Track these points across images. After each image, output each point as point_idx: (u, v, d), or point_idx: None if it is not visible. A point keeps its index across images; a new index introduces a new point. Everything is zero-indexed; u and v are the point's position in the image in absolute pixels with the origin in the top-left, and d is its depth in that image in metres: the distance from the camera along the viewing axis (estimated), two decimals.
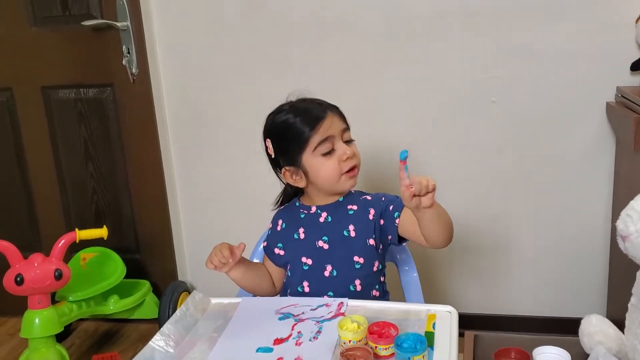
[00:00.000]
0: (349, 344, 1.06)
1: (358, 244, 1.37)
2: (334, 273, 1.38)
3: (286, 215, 1.47)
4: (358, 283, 1.38)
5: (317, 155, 1.35)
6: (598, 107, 1.91)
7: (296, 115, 1.36)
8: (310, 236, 1.40)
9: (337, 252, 1.38)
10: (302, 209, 1.44)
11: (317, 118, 1.35)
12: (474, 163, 2.05)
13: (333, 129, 1.35)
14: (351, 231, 1.38)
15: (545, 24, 1.89)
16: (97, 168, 2.33)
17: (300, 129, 1.35)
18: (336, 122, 1.37)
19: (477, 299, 2.17)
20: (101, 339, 2.34)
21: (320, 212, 1.41)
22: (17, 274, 1.75)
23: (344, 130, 1.38)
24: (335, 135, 1.35)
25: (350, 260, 1.37)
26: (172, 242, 2.35)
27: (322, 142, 1.34)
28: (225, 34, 2.11)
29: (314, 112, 1.36)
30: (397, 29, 1.98)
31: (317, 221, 1.41)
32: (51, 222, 2.40)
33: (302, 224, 1.42)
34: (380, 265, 1.41)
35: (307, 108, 1.38)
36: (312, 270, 1.39)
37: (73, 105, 2.26)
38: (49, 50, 2.21)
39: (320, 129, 1.34)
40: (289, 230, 1.44)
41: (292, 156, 1.37)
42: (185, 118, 2.25)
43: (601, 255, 2.03)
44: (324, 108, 1.37)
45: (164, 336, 1.15)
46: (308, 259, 1.40)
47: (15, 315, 2.46)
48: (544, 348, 1.01)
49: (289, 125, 1.37)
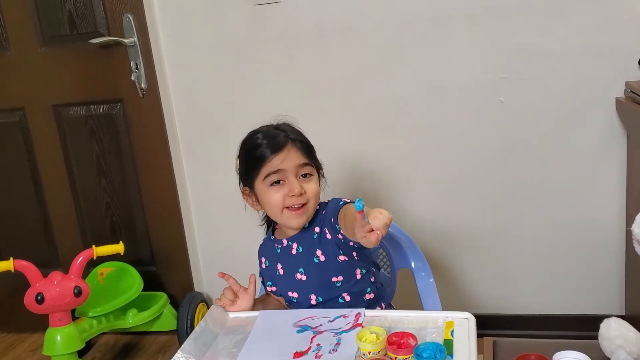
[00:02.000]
0: (368, 355, 1.07)
1: (330, 265, 1.36)
2: (320, 299, 1.39)
3: (266, 251, 1.49)
4: (346, 295, 1.38)
5: (267, 184, 1.35)
6: (607, 103, 1.90)
7: (263, 138, 1.36)
8: (288, 270, 1.41)
9: (315, 280, 1.38)
10: (276, 243, 1.44)
11: (275, 147, 1.33)
12: (484, 164, 2.05)
13: (286, 162, 1.33)
14: (320, 256, 1.37)
15: (551, 21, 1.89)
16: (110, 183, 2.35)
17: (260, 153, 1.34)
18: (293, 156, 1.33)
19: (492, 300, 2.16)
20: (121, 352, 2.36)
21: (292, 244, 1.41)
22: (37, 293, 1.77)
23: (301, 165, 1.34)
24: (287, 170, 1.33)
25: (329, 282, 1.37)
26: (187, 254, 2.37)
27: (272, 172, 1.33)
28: (231, 45, 2.13)
29: (276, 141, 1.34)
30: (401, 33, 1.99)
31: (291, 254, 1.41)
32: (67, 238, 2.42)
33: (279, 259, 1.43)
34: (363, 269, 1.39)
35: (275, 135, 1.35)
36: (299, 302, 1.41)
37: (84, 122, 2.29)
38: (58, 69, 2.24)
39: (274, 159, 1.33)
40: (271, 267, 1.46)
41: (249, 178, 1.38)
42: (196, 130, 2.26)
43: (617, 252, 2.02)
44: (286, 139, 1.34)
45: (186, 353, 1.16)
46: (293, 293, 1.41)
47: (36, 332, 2.50)
48: (564, 353, 1.01)
49: (253, 146, 1.37)
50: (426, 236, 2.10)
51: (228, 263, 1.47)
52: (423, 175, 2.10)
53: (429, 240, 2.11)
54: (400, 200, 2.13)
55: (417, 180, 2.11)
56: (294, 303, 1.42)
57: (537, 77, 1.93)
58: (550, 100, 1.95)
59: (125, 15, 2.11)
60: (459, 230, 2.14)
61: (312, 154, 1.39)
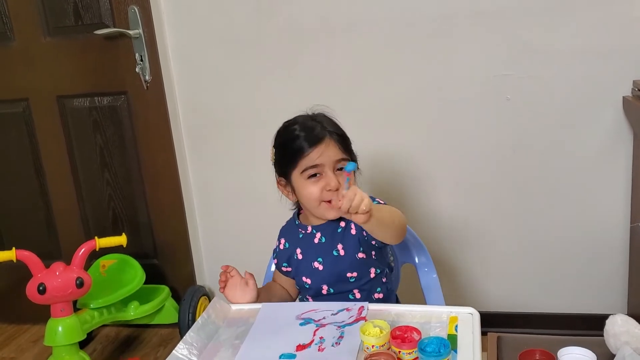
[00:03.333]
0: (372, 349, 1.06)
1: (347, 261, 1.38)
2: (331, 290, 1.41)
3: (287, 233, 1.49)
4: (357, 292, 1.40)
5: (304, 177, 1.35)
6: (614, 101, 1.89)
7: (301, 130, 1.35)
8: (307, 257, 1.43)
9: (330, 272, 1.40)
10: (300, 228, 1.45)
11: (313, 140, 1.32)
12: (489, 162, 2.04)
13: (324, 157, 1.32)
14: (340, 250, 1.38)
15: (558, 19, 1.87)
16: (113, 175, 2.34)
17: (298, 146, 1.34)
18: (332, 150, 1.33)
19: (495, 298, 2.16)
20: (122, 344, 2.36)
21: (315, 233, 1.42)
22: (39, 284, 1.77)
23: (338, 160, 1.34)
24: (325, 164, 1.33)
25: (344, 277, 1.38)
26: (189, 247, 2.37)
27: (310, 167, 1.33)
28: (236, 40, 2.12)
29: (313, 133, 1.33)
30: (407, 30, 1.98)
31: (312, 242, 1.42)
32: (70, 230, 2.42)
33: (300, 244, 1.44)
34: (377, 269, 1.40)
35: (313, 127, 1.35)
36: (312, 289, 1.43)
37: (88, 113, 2.28)
38: (63, 60, 2.23)
39: (311, 152, 1.32)
40: (290, 250, 1.47)
41: (286, 169, 1.38)
42: (199, 124, 2.26)
43: (620, 251, 2.01)
44: (324, 131, 1.34)
45: (187, 345, 1.16)
46: (307, 279, 1.43)
47: (37, 323, 2.49)
48: (569, 349, 1.01)
49: (290, 138, 1.36)
50: (430, 233, 2.10)
51: (230, 257, 1.47)
52: (426, 172, 2.09)
53: (433, 237, 2.10)
54: (402, 197, 2.12)
55: (420, 177, 2.10)
56: (306, 289, 1.44)
57: (543, 75, 1.92)
58: (557, 98, 1.94)
59: (130, 7, 2.10)
60: (463, 228, 2.13)
61: (349, 147, 1.38)
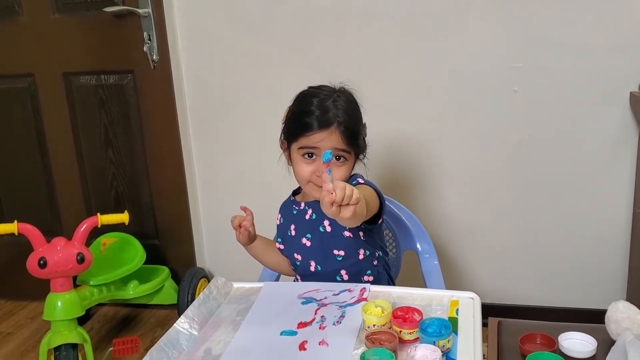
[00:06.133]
0: (373, 328, 1.06)
1: (334, 238, 1.38)
2: (319, 268, 1.41)
3: (284, 210, 1.51)
4: (344, 273, 1.40)
5: (300, 153, 1.35)
6: (622, 97, 1.89)
7: (316, 108, 1.32)
8: (298, 233, 1.44)
9: (317, 248, 1.40)
10: (294, 204, 1.47)
11: (321, 123, 1.30)
12: (495, 153, 2.04)
13: (325, 142, 1.30)
14: (326, 226, 1.39)
15: (569, 13, 1.87)
16: (117, 154, 2.34)
17: (305, 122, 1.32)
18: (334, 139, 1.31)
19: (495, 290, 2.16)
20: (120, 323, 2.37)
21: (307, 209, 1.43)
22: (40, 257, 1.77)
23: (337, 150, 1.32)
24: (321, 150, 1.30)
25: (331, 254, 1.39)
26: (190, 229, 2.37)
27: (308, 146, 1.32)
28: (245, 22, 2.11)
29: (324, 117, 1.31)
30: (418, 19, 1.97)
31: (304, 218, 1.43)
32: (71, 208, 2.42)
33: (294, 220, 1.46)
34: (367, 251, 1.40)
35: (326, 110, 1.32)
36: (302, 266, 1.44)
37: (94, 91, 2.28)
38: (70, 37, 2.23)
39: (315, 135, 1.31)
40: (285, 226, 1.48)
41: (289, 136, 1.38)
42: (205, 105, 2.25)
43: (622, 247, 2.01)
44: (334, 119, 1.31)
45: (188, 319, 1.16)
46: (298, 255, 1.44)
47: (35, 300, 2.50)
48: (569, 334, 1.01)
49: (303, 109, 1.34)
50: (432, 222, 2.10)
51: (232, 240, 1.47)
52: (432, 160, 2.09)
53: (435, 225, 2.10)
54: (407, 184, 2.12)
55: (425, 165, 2.10)
56: (298, 266, 1.46)
57: (552, 68, 1.92)
58: (565, 92, 1.93)
59: None
60: (466, 219, 2.13)
61: (355, 140, 1.35)
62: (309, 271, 1.42)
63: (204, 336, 1.13)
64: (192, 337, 1.12)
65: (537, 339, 1.05)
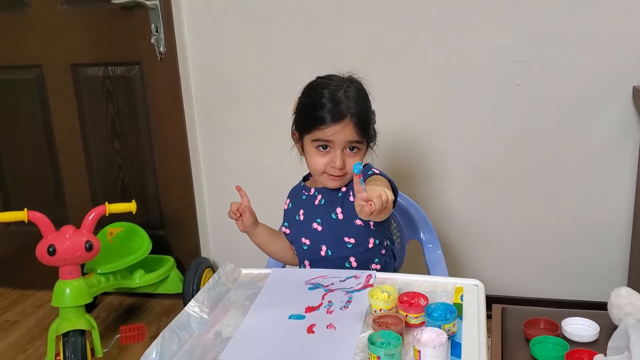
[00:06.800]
0: (379, 312, 1.08)
1: (345, 225, 1.41)
2: (329, 253, 1.43)
3: (293, 194, 1.53)
4: (353, 260, 1.42)
5: (314, 146, 1.37)
6: (624, 91, 1.91)
7: (327, 100, 1.34)
8: (307, 218, 1.46)
9: (329, 234, 1.43)
10: (304, 190, 1.49)
11: (334, 116, 1.32)
12: (497, 146, 2.06)
13: (339, 135, 1.33)
14: (339, 214, 1.41)
15: (573, 7, 1.89)
16: (123, 145, 2.36)
17: (318, 115, 1.33)
18: (348, 131, 1.33)
19: (497, 281, 2.18)
20: (125, 312, 2.39)
21: (317, 195, 1.46)
22: (49, 245, 1.79)
23: (351, 142, 1.34)
24: (336, 142, 1.34)
25: (341, 240, 1.41)
26: (195, 220, 2.39)
27: (322, 139, 1.35)
28: (251, 14, 2.13)
29: (337, 109, 1.32)
30: (423, 10, 1.99)
31: (313, 204, 1.46)
32: (78, 198, 2.44)
33: (302, 205, 1.48)
34: (377, 240, 1.43)
35: (339, 102, 1.33)
36: (310, 250, 1.45)
37: (101, 82, 2.30)
38: (78, 28, 2.25)
39: (328, 128, 1.33)
40: (293, 211, 1.50)
41: (301, 129, 1.39)
42: (212, 97, 2.27)
43: (623, 240, 2.04)
44: (347, 110, 1.32)
45: (199, 302, 1.18)
46: (306, 240, 1.46)
47: (41, 289, 2.53)
48: (572, 319, 1.03)
49: (314, 102, 1.36)
50: (435, 214, 2.12)
51: (236, 230, 1.49)
52: (434, 152, 2.11)
53: (438, 218, 2.12)
54: (410, 175, 2.14)
55: (428, 157, 2.12)
56: (305, 250, 1.47)
57: (555, 62, 1.94)
58: (567, 85, 1.95)
59: None
60: (468, 211, 2.15)
61: (367, 130, 1.37)
62: (318, 255, 1.44)
63: (213, 319, 1.16)
64: (203, 320, 1.15)
65: (541, 324, 1.07)
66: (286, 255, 1.54)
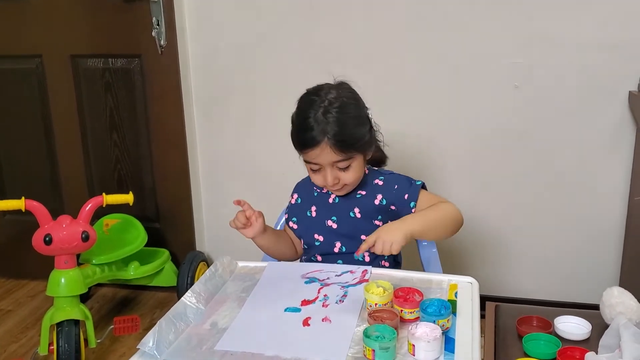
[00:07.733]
0: (375, 306, 1.10)
1: (363, 224, 1.43)
2: (343, 249, 1.45)
3: (302, 189, 1.54)
4: (366, 255, 1.43)
5: (307, 164, 1.39)
6: (620, 95, 1.93)
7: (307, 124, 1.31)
8: (321, 215, 1.47)
9: (345, 231, 1.44)
10: (315, 186, 1.48)
11: (309, 142, 1.32)
12: (494, 147, 2.07)
13: (322, 158, 1.33)
14: (357, 213, 1.43)
15: (570, 10, 1.90)
16: (121, 137, 2.37)
17: (300, 139, 1.35)
18: (327, 154, 1.32)
19: (491, 282, 2.20)
20: (119, 304, 2.40)
21: (330, 194, 1.47)
22: (46, 234, 1.79)
23: (337, 161, 1.33)
24: (322, 163, 1.34)
25: (358, 238, 1.42)
26: (191, 213, 2.40)
27: (310, 162, 1.36)
28: (252, 8, 2.14)
29: (310, 135, 1.31)
30: (421, 12, 2.00)
31: (327, 202, 1.47)
32: (74, 189, 2.44)
33: (315, 202, 1.49)
34: None
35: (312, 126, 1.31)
36: (323, 245, 1.47)
37: (101, 74, 2.30)
38: (79, 19, 2.25)
39: (309, 152, 1.33)
40: (303, 206, 1.51)
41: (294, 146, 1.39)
42: (211, 91, 2.28)
43: (616, 243, 2.05)
44: (322, 135, 1.30)
45: (195, 294, 1.19)
46: (319, 236, 1.47)
47: (35, 279, 2.53)
48: (565, 317, 1.05)
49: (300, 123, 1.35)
50: None
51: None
52: (431, 152, 2.13)
53: None
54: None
55: (425, 157, 2.14)
56: (316, 246, 1.47)
57: (552, 65, 1.96)
58: (564, 88, 1.97)
59: None
60: (463, 212, 2.15)
61: (352, 146, 1.33)
62: (332, 250, 1.45)
63: (210, 310, 1.17)
64: (199, 311, 1.16)
65: (534, 322, 1.09)
66: (290, 252, 1.54)
